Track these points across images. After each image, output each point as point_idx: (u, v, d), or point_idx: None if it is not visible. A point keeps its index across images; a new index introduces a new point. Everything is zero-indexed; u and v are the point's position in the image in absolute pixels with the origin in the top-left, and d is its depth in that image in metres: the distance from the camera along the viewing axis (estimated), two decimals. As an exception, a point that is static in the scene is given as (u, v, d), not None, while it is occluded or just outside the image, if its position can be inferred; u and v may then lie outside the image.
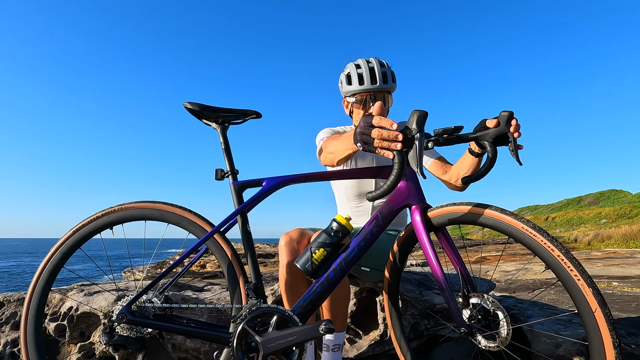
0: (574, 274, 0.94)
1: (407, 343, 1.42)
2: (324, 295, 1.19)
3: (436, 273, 1.13)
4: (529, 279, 3.30)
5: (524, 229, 1.01)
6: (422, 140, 0.97)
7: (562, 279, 0.97)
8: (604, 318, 0.90)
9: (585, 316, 0.92)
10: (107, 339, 1.21)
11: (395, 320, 1.42)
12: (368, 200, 1.08)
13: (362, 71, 1.62)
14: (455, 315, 1.09)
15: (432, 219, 1.19)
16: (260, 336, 1.10)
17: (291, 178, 1.29)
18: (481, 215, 1.09)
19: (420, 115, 0.98)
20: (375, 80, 1.61)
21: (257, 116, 1.38)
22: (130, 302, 1.22)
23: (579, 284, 0.93)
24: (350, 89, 1.66)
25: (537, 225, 1.02)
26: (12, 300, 1.92)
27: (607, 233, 15.75)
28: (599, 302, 0.91)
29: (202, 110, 1.32)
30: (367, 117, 1.01)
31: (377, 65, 1.63)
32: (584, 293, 0.92)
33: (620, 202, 37.83)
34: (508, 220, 1.05)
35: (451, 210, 1.17)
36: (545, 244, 0.98)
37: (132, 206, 1.33)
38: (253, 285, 1.23)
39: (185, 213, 1.32)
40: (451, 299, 1.10)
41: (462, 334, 1.07)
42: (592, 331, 0.92)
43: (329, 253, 1.19)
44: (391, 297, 1.41)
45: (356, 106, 1.69)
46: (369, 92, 1.64)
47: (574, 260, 0.95)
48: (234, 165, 1.33)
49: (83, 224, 1.33)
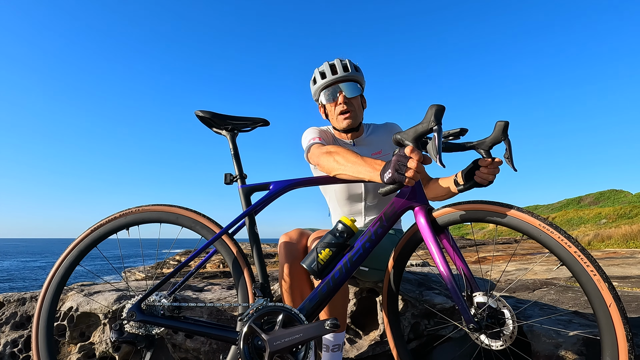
0: (590, 269, 0.97)
1: (404, 346, 1.41)
2: (330, 295, 1.20)
3: (443, 272, 1.14)
4: (529, 279, 3.30)
5: (541, 227, 1.04)
6: (440, 132, 1.03)
7: (577, 275, 1.00)
8: (619, 312, 0.94)
9: (600, 310, 0.96)
10: (116, 336, 1.23)
11: (394, 323, 1.42)
12: (381, 194, 1.13)
13: (324, 68, 1.69)
14: (463, 313, 1.10)
15: (437, 218, 1.21)
16: (266, 334, 1.11)
17: (298, 182, 1.33)
18: (497, 213, 1.12)
19: (439, 109, 1.04)
20: (336, 71, 1.66)
21: (265, 124, 1.42)
22: (139, 301, 1.25)
23: (595, 279, 0.96)
24: (316, 87, 1.71)
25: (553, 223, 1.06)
26: (12, 301, 1.92)
27: (607, 233, 15.75)
28: (614, 297, 0.95)
29: (212, 118, 1.37)
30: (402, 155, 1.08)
31: (338, 61, 1.68)
32: (600, 288, 0.96)
33: (620, 202, 37.84)
34: (524, 217, 1.08)
35: (461, 209, 1.19)
36: (562, 241, 1.01)
37: (148, 209, 1.37)
38: (260, 284, 1.25)
39: (199, 217, 1.35)
40: (459, 297, 1.11)
41: (471, 330, 1.09)
42: (606, 325, 0.95)
43: (335, 253, 1.21)
44: (390, 298, 1.41)
45: (327, 102, 1.70)
46: (333, 83, 1.67)
47: (590, 256, 0.98)
48: (242, 170, 1.38)
49: (101, 224, 1.38)
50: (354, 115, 1.68)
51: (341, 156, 1.31)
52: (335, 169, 1.33)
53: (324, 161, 1.39)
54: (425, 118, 1.06)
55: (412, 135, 1.08)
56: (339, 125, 1.71)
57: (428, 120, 1.05)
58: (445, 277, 1.14)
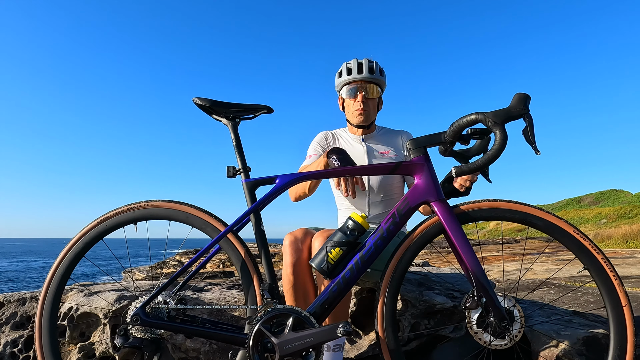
0: (612, 274, 1.13)
1: (399, 350, 1.26)
2: (341, 295, 1.18)
3: (472, 268, 1.14)
4: (529, 279, 3.30)
5: (574, 233, 1.16)
6: (531, 118, 1.10)
7: (599, 278, 1.14)
8: (631, 313, 1.11)
9: (615, 310, 1.11)
10: (122, 341, 1.18)
11: (389, 327, 1.24)
12: (455, 175, 1.19)
13: (351, 65, 1.80)
14: (494, 311, 1.13)
15: (469, 212, 1.21)
16: (276, 337, 1.09)
17: (305, 175, 1.27)
18: (529, 214, 1.18)
19: (526, 97, 1.10)
20: (362, 71, 1.77)
21: (269, 111, 1.36)
22: (144, 304, 1.20)
23: (615, 284, 1.12)
24: (340, 81, 1.83)
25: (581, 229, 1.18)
26: (12, 301, 1.92)
27: (607, 233, 15.74)
28: (628, 300, 1.12)
29: (212, 106, 1.30)
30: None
31: (366, 61, 1.79)
32: (618, 290, 1.12)
33: (620, 202, 37.82)
34: (557, 221, 1.17)
35: (486, 206, 1.20)
36: (592, 248, 1.14)
37: (158, 204, 1.30)
38: (268, 285, 1.21)
39: (209, 218, 1.29)
40: (493, 294, 1.13)
41: (504, 327, 1.12)
42: (619, 324, 1.11)
43: (345, 252, 1.18)
44: (389, 299, 1.27)
45: (346, 97, 1.84)
46: (356, 81, 1.79)
47: (611, 264, 1.15)
48: (245, 163, 1.30)
49: (108, 216, 1.30)
50: (367, 114, 1.82)
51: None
52: (301, 186, 1.68)
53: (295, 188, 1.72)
54: (515, 104, 1.10)
55: (503, 117, 1.11)
56: (353, 120, 1.86)
57: (519, 107, 1.10)
58: (475, 273, 1.14)
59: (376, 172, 1.33)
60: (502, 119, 1.11)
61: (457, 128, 1.17)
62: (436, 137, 1.22)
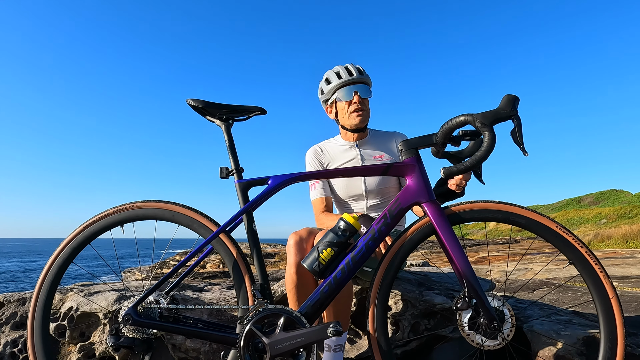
0: (597, 267, 1.15)
1: (390, 350, 1.23)
2: (332, 296, 1.18)
3: (462, 269, 1.15)
4: (529, 279, 3.30)
5: (557, 228, 1.17)
6: (519, 120, 1.11)
7: (585, 271, 1.16)
8: (619, 305, 1.13)
9: (603, 302, 1.13)
10: (113, 340, 1.19)
11: (380, 327, 1.23)
12: (444, 176, 1.18)
13: (339, 69, 1.79)
14: (484, 311, 1.13)
15: (459, 213, 1.21)
16: (267, 337, 1.10)
17: (298, 176, 1.28)
18: (512, 213, 1.19)
19: (515, 98, 1.12)
20: (352, 74, 1.77)
21: (262, 112, 1.37)
22: (136, 304, 1.21)
23: (601, 276, 1.14)
24: (332, 86, 1.79)
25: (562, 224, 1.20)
26: (12, 301, 1.92)
27: (607, 233, 15.73)
28: (614, 292, 1.14)
29: (205, 107, 1.31)
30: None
31: (352, 65, 1.80)
32: (604, 283, 1.13)
33: (620, 202, 37.81)
34: (539, 218, 1.18)
35: (472, 207, 1.20)
36: (576, 242, 1.16)
37: (143, 205, 1.32)
38: (259, 285, 1.22)
39: (196, 215, 1.30)
40: (482, 295, 1.13)
41: (494, 327, 1.12)
42: (607, 316, 1.13)
43: (337, 252, 1.18)
44: (380, 299, 1.25)
45: (341, 100, 1.79)
46: (350, 82, 1.77)
47: (595, 257, 1.17)
48: (238, 163, 1.32)
49: (94, 220, 1.32)
50: (365, 115, 1.81)
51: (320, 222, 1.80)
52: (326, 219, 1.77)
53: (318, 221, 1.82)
54: (500, 107, 1.11)
55: (492, 119, 1.12)
56: (350, 123, 1.81)
57: (507, 108, 1.10)
58: (465, 274, 1.14)
59: (368, 173, 1.37)
60: (491, 121, 1.11)
61: (447, 129, 1.17)
62: (427, 138, 1.23)
